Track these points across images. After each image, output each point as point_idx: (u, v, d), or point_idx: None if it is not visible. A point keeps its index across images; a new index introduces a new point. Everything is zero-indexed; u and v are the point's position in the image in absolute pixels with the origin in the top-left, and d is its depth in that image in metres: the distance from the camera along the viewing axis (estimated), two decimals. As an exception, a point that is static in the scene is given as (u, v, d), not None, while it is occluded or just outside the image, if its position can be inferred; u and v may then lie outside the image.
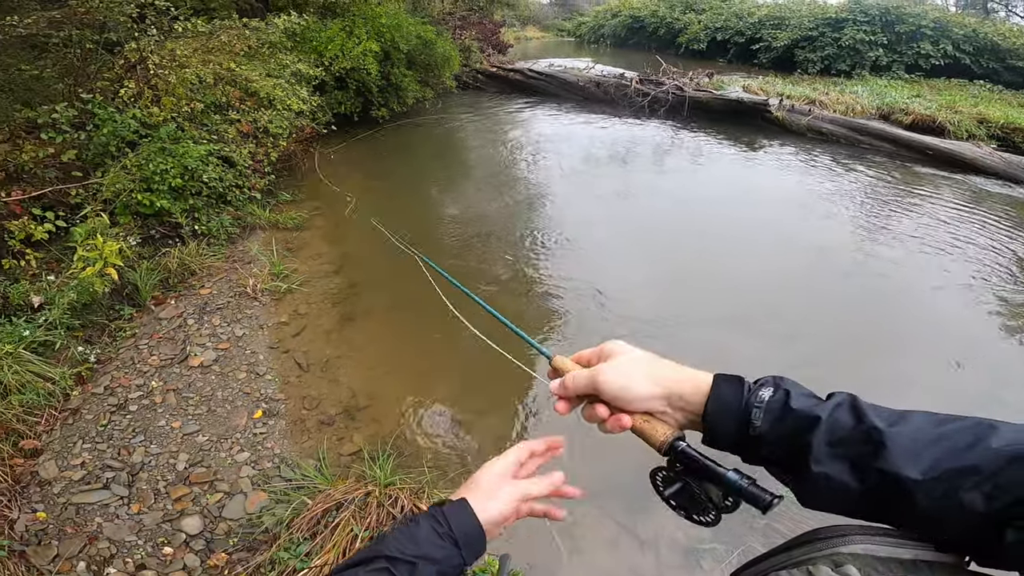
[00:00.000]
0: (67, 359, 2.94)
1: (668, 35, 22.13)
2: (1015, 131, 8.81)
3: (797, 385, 0.53)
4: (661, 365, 0.58)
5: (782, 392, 0.51)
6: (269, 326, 3.54)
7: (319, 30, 7.25)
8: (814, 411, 0.48)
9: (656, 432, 0.56)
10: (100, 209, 3.75)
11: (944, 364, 3.61)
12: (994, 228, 5.87)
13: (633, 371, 0.58)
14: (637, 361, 0.59)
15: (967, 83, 13.31)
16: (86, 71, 4.38)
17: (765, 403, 0.51)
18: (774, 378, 0.54)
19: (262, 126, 5.11)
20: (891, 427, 0.45)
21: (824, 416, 0.48)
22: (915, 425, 0.45)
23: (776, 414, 0.50)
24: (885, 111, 9.68)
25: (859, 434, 0.46)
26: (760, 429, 0.51)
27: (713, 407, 0.53)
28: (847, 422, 0.47)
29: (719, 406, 0.53)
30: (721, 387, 0.54)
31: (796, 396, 0.51)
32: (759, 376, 0.56)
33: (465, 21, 13.18)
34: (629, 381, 0.57)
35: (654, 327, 3.77)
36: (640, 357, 0.60)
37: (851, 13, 15.51)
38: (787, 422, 0.49)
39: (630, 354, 0.60)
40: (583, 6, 37.59)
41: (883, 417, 0.46)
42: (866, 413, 0.47)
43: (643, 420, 0.57)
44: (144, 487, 2.37)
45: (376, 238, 4.82)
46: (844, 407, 0.48)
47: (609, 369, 0.58)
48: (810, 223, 5.85)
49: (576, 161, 7.49)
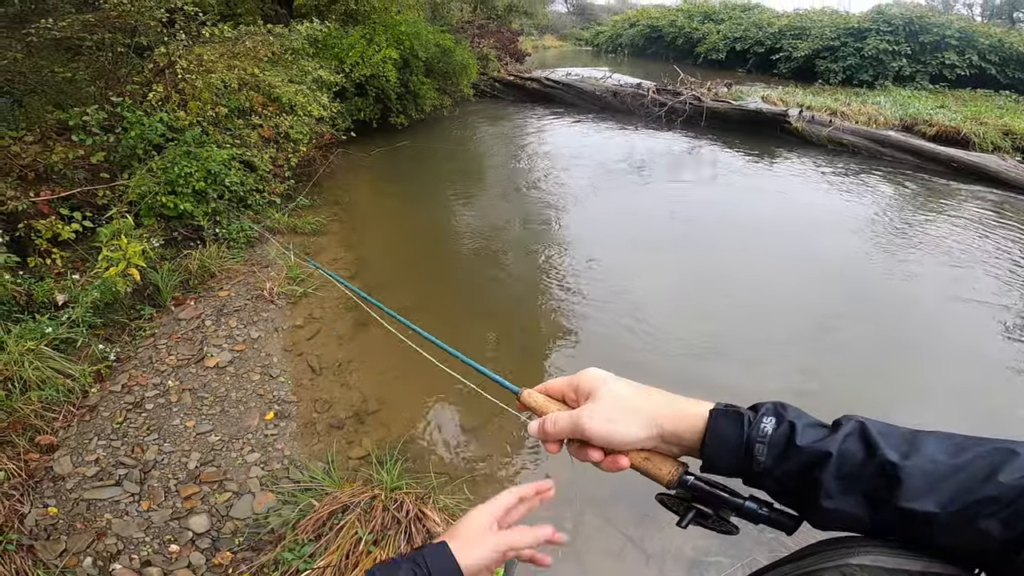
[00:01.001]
0: (87, 356, 3.00)
1: (686, 45, 22.07)
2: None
3: (800, 414, 0.50)
4: (649, 400, 0.54)
5: (786, 425, 0.48)
6: (284, 329, 3.59)
7: (340, 37, 7.41)
8: (823, 446, 0.46)
9: (660, 470, 0.54)
10: (126, 211, 3.86)
11: (964, 378, 3.54)
12: (1019, 244, 5.72)
13: (620, 413, 0.53)
14: (622, 399, 0.54)
15: (993, 94, 13.04)
16: (117, 74, 4.52)
17: (768, 437, 0.48)
18: (775, 406, 0.51)
19: (283, 131, 5.22)
20: (905, 459, 0.43)
21: (834, 451, 0.45)
22: (930, 455, 0.43)
23: (780, 448, 0.48)
24: (908, 122, 9.51)
25: (872, 468, 0.44)
26: (764, 464, 0.48)
27: (712, 443, 0.51)
28: (858, 455, 0.45)
29: (718, 443, 0.50)
30: (719, 423, 0.51)
31: (802, 429, 0.48)
32: (758, 401, 0.53)
33: (483, 30, 13.32)
34: (618, 425, 0.53)
35: (678, 346, 3.74)
36: (623, 394, 0.55)
37: (874, 23, 15.33)
38: (794, 458, 0.47)
39: (611, 390, 0.55)
40: (601, 15, 37.74)
41: (896, 447, 0.44)
42: (878, 444, 0.45)
43: (643, 458, 0.54)
44: (155, 485, 2.41)
45: (391, 247, 4.88)
46: (854, 437, 0.46)
47: (594, 414, 0.54)
48: (829, 236, 5.76)
49: (592, 172, 7.47)
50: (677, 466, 0.53)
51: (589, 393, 0.56)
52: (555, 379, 0.61)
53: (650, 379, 0.55)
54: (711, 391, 3.22)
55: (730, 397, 0.57)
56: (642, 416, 0.53)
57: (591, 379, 0.57)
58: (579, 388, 0.57)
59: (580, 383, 0.58)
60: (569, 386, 0.59)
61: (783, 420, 0.49)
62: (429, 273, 4.64)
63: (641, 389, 0.55)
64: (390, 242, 4.95)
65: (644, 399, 0.54)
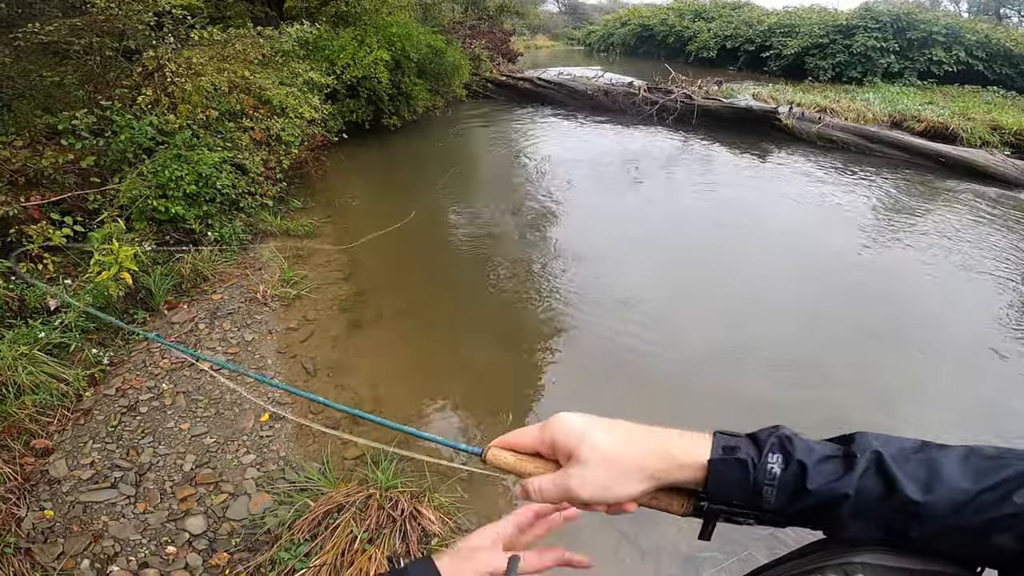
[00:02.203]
0: (81, 361, 3.00)
1: (677, 43, 22.19)
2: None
3: (809, 448, 0.46)
4: (638, 448, 0.49)
5: (796, 465, 0.45)
6: (278, 331, 3.59)
7: (331, 39, 7.40)
8: (840, 488, 0.43)
9: (671, 505, 0.51)
10: (117, 215, 3.85)
11: (958, 371, 3.60)
12: (1008, 237, 5.80)
13: (613, 476, 0.48)
14: (610, 458, 0.49)
15: (980, 89, 13.19)
16: (105, 78, 4.50)
17: (777, 479, 0.45)
18: (780, 441, 0.47)
19: (275, 134, 5.20)
20: (928, 494, 0.41)
21: (852, 492, 0.43)
22: (953, 485, 0.41)
23: (791, 491, 0.45)
24: (897, 118, 9.61)
25: (892, 504, 0.42)
26: (773, 505, 0.46)
27: (715, 492, 0.47)
28: (876, 492, 0.43)
29: (722, 491, 0.47)
30: (720, 473, 0.47)
31: (813, 468, 0.44)
32: (759, 427, 0.50)
33: (475, 30, 13.33)
34: (613, 491, 0.49)
35: (678, 349, 3.77)
36: (609, 449, 0.49)
37: (862, 20, 15.48)
38: (807, 500, 0.45)
39: (595, 447, 0.49)
40: (592, 15, 37.84)
41: (916, 478, 0.42)
42: (897, 479, 0.42)
43: (649, 498, 0.51)
44: (151, 487, 2.41)
45: (384, 249, 4.88)
46: (871, 473, 0.43)
47: (584, 481, 0.49)
48: (820, 232, 5.83)
49: (584, 171, 7.50)
50: (686, 499, 0.50)
51: (570, 453, 0.50)
52: (524, 431, 0.55)
53: (648, 381, 0.55)
54: (711, 391, 3.24)
55: (726, 394, 0.56)
56: (636, 472, 0.48)
57: (567, 434, 0.51)
58: (556, 445, 0.52)
59: (556, 440, 0.52)
60: (542, 442, 0.53)
61: (791, 459, 0.45)
62: (423, 276, 4.64)
63: (626, 435, 0.50)
64: (383, 244, 4.95)
65: (633, 449, 0.49)
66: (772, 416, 2.12)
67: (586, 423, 0.51)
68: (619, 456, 0.48)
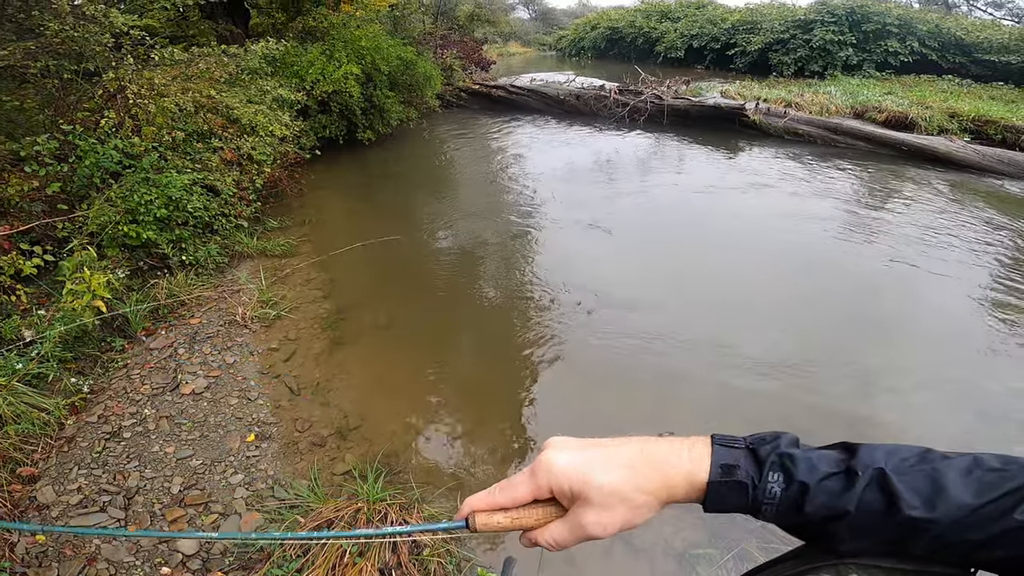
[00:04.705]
0: (60, 390, 2.98)
1: (646, 44, 22.59)
2: (987, 123, 9.07)
3: (811, 464, 0.45)
4: (642, 479, 0.48)
5: (797, 487, 0.44)
6: (260, 352, 3.58)
7: (299, 55, 7.36)
8: (841, 505, 0.43)
9: None
10: (87, 242, 3.80)
11: (935, 354, 3.75)
12: (971, 222, 6.04)
13: (626, 514, 0.48)
14: (622, 494, 0.48)
15: (936, 78, 13.68)
16: (66, 101, 4.41)
17: (776, 499, 0.45)
18: (781, 460, 0.46)
19: (246, 153, 5.14)
20: (931, 510, 0.41)
21: (853, 508, 0.43)
22: (955, 500, 0.41)
23: (790, 508, 0.45)
24: (859, 109, 9.94)
25: (893, 521, 0.42)
26: (770, 520, 0.46)
27: (714, 508, 0.48)
28: (877, 507, 0.42)
29: (720, 508, 0.47)
30: (719, 492, 0.46)
31: (815, 487, 0.44)
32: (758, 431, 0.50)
33: (446, 40, 13.39)
34: (628, 519, 0.48)
35: (664, 343, 3.84)
36: (616, 489, 0.48)
37: (819, 14, 15.95)
38: (805, 516, 0.44)
39: (602, 490, 0.48)
40: (563, 20, 38.28)
41: (918, 491, 0.42)
42: (899, 496, 0.42)
43: None
44: (140, 510, 2.41)
45: (363, 265, 4.88)
46: (873, 488, 0.43)
47: (604, 525, 0.48)
48: (790, 224, 5.98)
49: (559, 176, 7.59)
50: None
51: (575, 496, 0.49)
52: (511, 484, 0.52)
53: (640, 384, 0.55)
54: (698, 385, 3.29)
55: (708, 384, 0.56)
56: (647, 503, 0.48)
57: (569, 479, 0.49)
58: (557, 492, 0.50)
59: (555, 487, 0.49)
60: (537, 489, 0.50)
61: (793, 480, 0.45)
62: (403, 291, 4.62)
63: (627, 468, 0.48)
64: (362, 261, 4.95)
65: (638, 482, 0.48)
66: (764, 404, 2.14)
67: (584, 462, 0.49)
68: (628, 493, 0.47)
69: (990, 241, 5.50)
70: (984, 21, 17.62)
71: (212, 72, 5.07)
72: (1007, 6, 20.52)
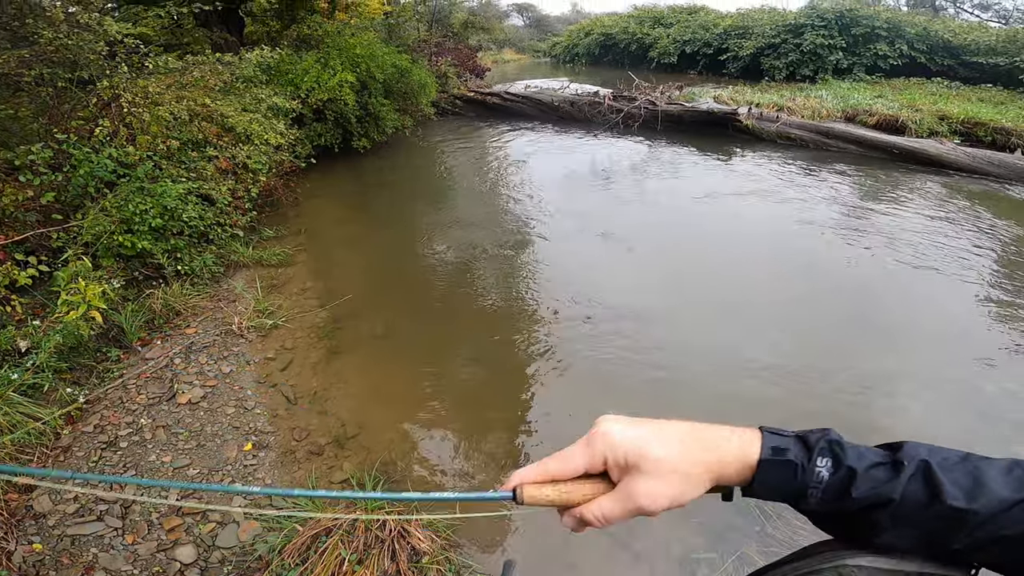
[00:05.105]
0: (56, 400, 2.97)
1: (640, 50, 22.76)
2: (976, 126, 9.16)
3: (860, 453, 0.47)
4: (695, 454, 0.49)
5: (845, 471, 0.45)
6: (256, 362, 3.57)
7: (294, 63, 7.39)
8: (886, 492, 0.44)
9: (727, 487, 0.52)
10: (81, 252, 3.78)
11: (934, 357, 3.77)
12: (963, 224, 6.10)
13: (679, 487, 0.49)
14: (675, 466, 0.49)
15: (926, 81, 13.83)
16: (60, 110, 4.39)
17: (824, 483, 0.46)
18: (830, 445, 0.47)
19: (241, 162, 5.13)
20: (971, 502, 0.42)
21: (897, 496, 0.44)
22: (995, 494, 0.42)
23: (836, 494, 0.46)
24: (850, 113, 10.03)
25: (934, 512, 0.43)
26: (812, 507, 0.47)
27: (760, 490, 0.48)
28: (921, 497, 0.43)
29: (767, 488, 0.48)
30: (769, 472, 0.47)
31: (862, 476, 0.45)
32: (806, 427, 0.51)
33: (441, 47, 13.45)
34: (680, 492, 0.49)
35: (659, 355, 3.85)
36: (671, 462, 0.49)
37: (808, 18, 16.10)
38: (849, 504, 0.45)
39: (658, 462, 0.49)
40: (557, 27, 38.52)
41: (961, 486, 0.43)
42: (943, 486, 0.43)
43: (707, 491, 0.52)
44: (137, 519, 2.41)
45: (360, 274, 4.88)
46: (918, 479, 0.44)
47: (656, 498, 0.49)
48: (787, 227, 6.03)
49: (556, 184, 7.56)
50: (722, 489, 0.52)
51: (628, 467, 0.49)
52: (566, 455, 0.52)
53: (640, 391, 0.55)
54: (699, 392, 3.30)
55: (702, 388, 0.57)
56: (700, 477, 0.49)
57: (625, 450, 0.49)
58: (611, 462, 0.50)
59: (610, 457, 0.50)
60: (591, 459, 0.51)
61: (841, 464, 0.46)
62: (399, 299, 4.60)
63: (680, 443, 0.50)
64: (359, 269, 4.95)
65: (691, 456, 0.49)
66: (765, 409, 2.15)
67: (640, 435, 0.50)
68: (683, 466, 0.48)
69: (982, 243, 5.55)
70: (971, 23, 17.82)
71: (207, 80, 5.09)
72: (993, 8, 20.83)
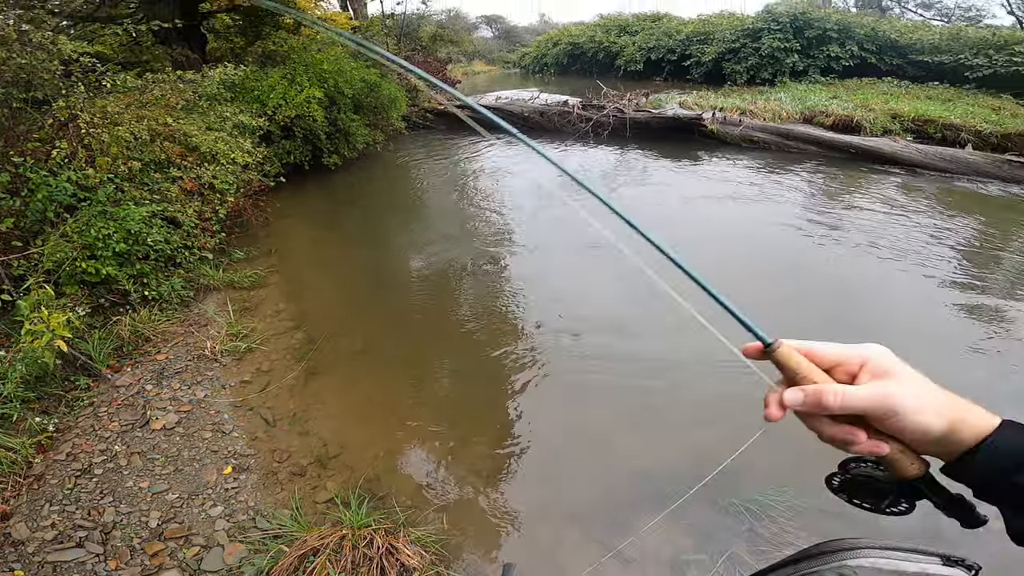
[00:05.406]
0: (25, 429, 2.91)
1: (607, 59, 23.16)
2: (927, 123, 9.58)
3: None
4: (940, 394, 0.50)
5: None
6: (232, 385, 3.50)
7: (260, 79, 7.27)
8: None
9: (908, 467, 0.51)
10: (43, 280, 3.65)
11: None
12: (921, 219, 6.38)
13: (926, 403, 0.48)
14: (926, 388, 0.50)
15: (877, 81, 14.39)
16: (16, 131, 4.22)
17: None
18: None
19: (207, 182, 4.98)
20: None
21: None
22: None
23: None
24: (808, 115, 10.40)
25: None
26: None
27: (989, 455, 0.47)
28: None
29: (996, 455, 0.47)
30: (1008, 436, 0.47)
31: None
32: None
33: (410, 61, 13.46)
34: (923, 416, 0.48)
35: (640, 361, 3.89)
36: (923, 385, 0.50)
37: (765, 22, 16.58)
38: None
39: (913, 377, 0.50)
40: (525, 37, 38.90)
41: None
42: None
43: (900, 450, 0.51)
44: (119, 544, 2.37)
45: (334, 294, 4.81)
46: None
47: (906, 395, 0.49)
48: (756, 229, 6.20)
49: (526, 194, 7.60)
50: (922, 464, 0.51)
51: (884, 372, 0.50)
52: (824, 344, 0.54)
53: (615, 394, 0.54)
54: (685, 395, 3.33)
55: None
56: (942, 409, 0.48)
57: (887, 359, 0.51)
58: (868, 364, 0.51)
59: (871, 360, 0.51)
60: (847, 355, 0.52)
61: None
62: (376, 316, 4.56)
63: (930, 383, 0.51)
64: (334, 289, 4.88)
65: (935, 391, 0.50)
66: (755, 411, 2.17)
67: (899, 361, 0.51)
68: (931, 393, 0.49)
69: (942, 237, 5.79)
70: (916, 23, 18.59)
71: (168, 99, 4.95)
72: (935, 6, 21.80)
